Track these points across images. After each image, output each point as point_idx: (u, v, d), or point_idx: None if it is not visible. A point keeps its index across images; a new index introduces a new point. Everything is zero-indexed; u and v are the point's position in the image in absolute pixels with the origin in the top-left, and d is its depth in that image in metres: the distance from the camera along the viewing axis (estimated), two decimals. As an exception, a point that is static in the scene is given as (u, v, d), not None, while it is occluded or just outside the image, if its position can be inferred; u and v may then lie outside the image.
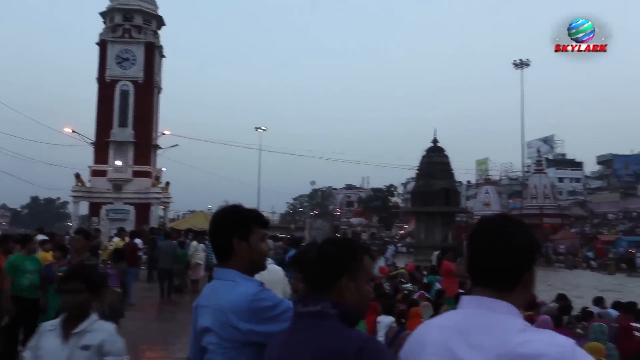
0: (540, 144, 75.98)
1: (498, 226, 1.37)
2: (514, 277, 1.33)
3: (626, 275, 30.52)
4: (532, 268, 1.36)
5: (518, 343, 1.21)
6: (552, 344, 1.19)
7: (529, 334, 1.24)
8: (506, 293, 1.33)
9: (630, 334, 6.80)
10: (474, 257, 1.37)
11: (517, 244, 1.34)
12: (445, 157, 45.05)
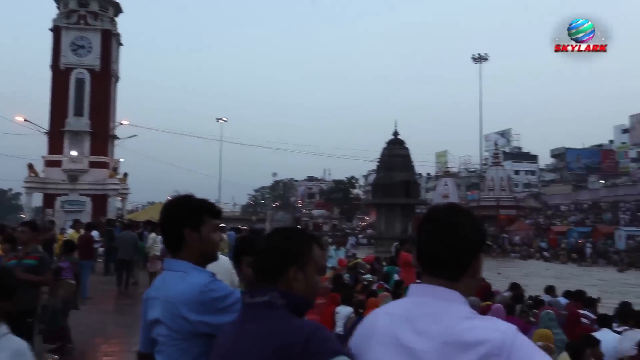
0: (497, 137, 77.79)
1: (446, 215, 1.39)
2: (461, 266, 1.35)
3: (577, 265, 31.66)
4: (479, 256, 1.38)
5: (463, 330, 1.24)
6: (495, 330, 1.22)
7: (473, 321, 1.26)
8: (454, 281, 1.35)
9: (578, 321, 7.07)
10: (422, 245, 1.39)
11: (464, 232, 1.36)
12: (406, 149, 45.56)
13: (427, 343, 1.25)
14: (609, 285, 20.43)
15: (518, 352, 1.19)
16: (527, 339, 1.26)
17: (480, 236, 1.39)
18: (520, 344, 1.21)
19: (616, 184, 58.34)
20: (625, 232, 35.19)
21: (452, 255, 1.34)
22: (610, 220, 42.74)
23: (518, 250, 39.57)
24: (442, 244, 1.35)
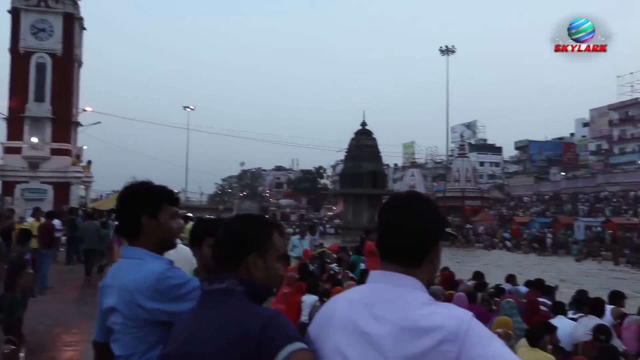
0: (463, 129, 78.94)
1: (406, 202, 1.40)
2: (421, 253, 1.36)
3: (537, 255, 32.52)
4: (438, 243, 1.39)
5: (420, 316, 1.25)
6: (451, 316, 1.24)
7: (430, 308, 1.28)
8: (412, 268, 1.36)
9: (537, 309, 7.26)
10: (382, 232, 1.39)
11: (424, 219, 1.36)
12: (374, 140, 45.80)
13: (385, 328, 1.26)
14: (567, 274, 21.06)
15: (472, 337, 1.20)
16: (482, 325, 1.27)
17: (439, 223, 1.40)
18: (475, 330, 1.22)
19: (576, 176, 60.01)
20: (584, 223, 36.29)
21: (412, 242, 1.35)
22: (570, 211, 43.96)
23: (482, 240, 40.38)
24: (402, 231, 1.35)
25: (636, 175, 48.70)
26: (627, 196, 43.49)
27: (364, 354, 1.28)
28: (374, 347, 1.26)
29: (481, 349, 1.19)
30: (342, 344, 1.32)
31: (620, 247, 29.48)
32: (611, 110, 61.78)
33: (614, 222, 34.67)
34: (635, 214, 36.81)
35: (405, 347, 1.23)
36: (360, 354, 1.28)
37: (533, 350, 4.85)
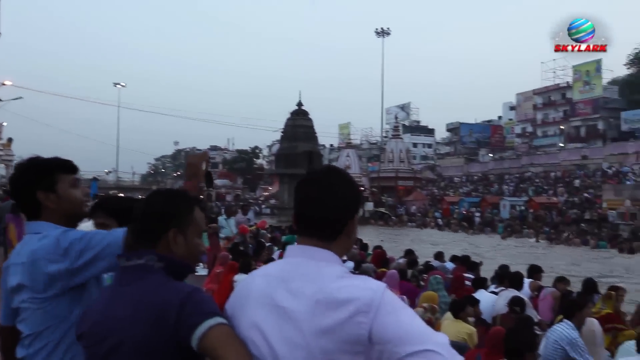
0: (398, 110, 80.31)
1: (323, 176, 1.40)
2: (337, 226, 1.37)
3: (466, 233, 33.87)
4: (354, 217, 1.39)
5: (335, 289, 1.26)
6: (365, 288, 1.25)
7: (345, 280, 1.29)
8: (329, 241, 1.36)
9: (462, 284, 7.62)
10: (299, 206, 1.40)
11: (340, 193, 1.37)
12: (309, 120, 45.81)
13: (300, 302, 1.28)
14: (492, 251, 22.11)
15: (384, 308, 1.22)
16: (395, 296, 1.30)
17: (355, 198, 1.41)
18: (387, 301, 1.24)
19: (503, 157, 62.56)
20: (509, 202, 38.02)
21: (328, 215, 1.36)
22: (497, 191, 45.91)
23: (414, 219, 41.56)
24: (317, 204, 1.36)
25: (556, 157, 51.45)
26: (548, 177, 45.88)
27: (281, 328, 1.29)
28: (290, 321, 1.28)
29: (392, 318, 1.21)
30: (259, 318, 1.32)
31: (541, 225, 31.19)
32: (535, 94, 64.69)
33: (535, 201, 36.54)
34: (555, 193, 38.92)
35: (321, 320, 1.24)
36: (276, 328, 1.29)
37: (456, 321, 5.11)
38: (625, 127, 52.18)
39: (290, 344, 1.27)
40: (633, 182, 34.43)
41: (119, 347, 1.36)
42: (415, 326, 1.22)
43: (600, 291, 7.21)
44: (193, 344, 1.30)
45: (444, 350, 1.17)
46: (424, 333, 1.20)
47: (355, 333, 1.21)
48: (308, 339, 1.24)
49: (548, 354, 4.65)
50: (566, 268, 16.07)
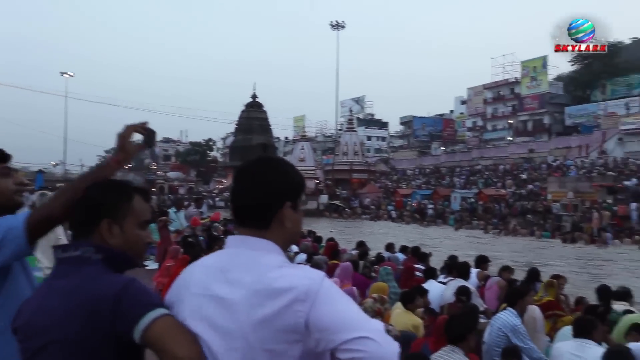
0: (352, 103, 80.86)
1: (253, 165, 1.42)
2: (266, 214, 1.37)
3: (418, 224, 34.51)
4: (284, 205, 1.38)
5: (273, 278, 1.26)
6: (303, 277, 1.26)
7: (284, 270, 1.29)
8: (263, 230, 1.37)
9: (412, 274, 7.78)
10: (232, 196, 1.41)
11: (268, 181, 1.37)
12: (264, 112, 45.56)
13: (238, 292, 1.28)
14: (443, 242, 22.62)
15: (323, 297, 1.23)
16: (334, 285, 1.32)
17: (286, 185, 1.40)
18: (325, 289, 1.25)
19: (454, 151, 64.00)
20: (460, 194, 38.91)
21: (255, 203, 1.37)
22: (448, 184, 46.89)
23: (368, 211, 41.99)
24: (247, 192, 1.37)
25: (505, 151, 53.02)
26: (497, 169, 47.16)
27: (218, 318, 1.29)
28: (229, 311, 1.28)
29: (329, 307, 1.23)
30: (197, 310, 1.32)
31: (490, 217, 32.09)
32: (485, 89, 66.41)
33: (485, 193, 37.50)
34: (504, 185, 40.05)
35: (259, 310, 1.24)
36: (214, 318, 1.29)
37: (406, 312, 5.22)
38: (569, 121, 54.25)
39: (228, 334, 1.27)
40: (575, 174, 35.82)
41: (51, 343, 1.33)
42: (351, 314, 1.24)
43: (542, 279, 7.50)
44: (136, 337, 1.28)
45: (379, 336, 1.20)
46: (360, 320, 1.23)
47: (293, 322, 1.22)
48: (246, 329, 1.25)
49: (492, 341, 4.81)
50: (512, 257, 16.63)
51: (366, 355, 1.17)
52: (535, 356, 4.72)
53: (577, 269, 15.73)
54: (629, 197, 28.84)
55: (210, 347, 1.29)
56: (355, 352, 1.18)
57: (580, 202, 29.69)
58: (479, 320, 5.44)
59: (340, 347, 1.19)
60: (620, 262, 17.84)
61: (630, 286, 7.06)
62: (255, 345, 1.24)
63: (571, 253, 20.34)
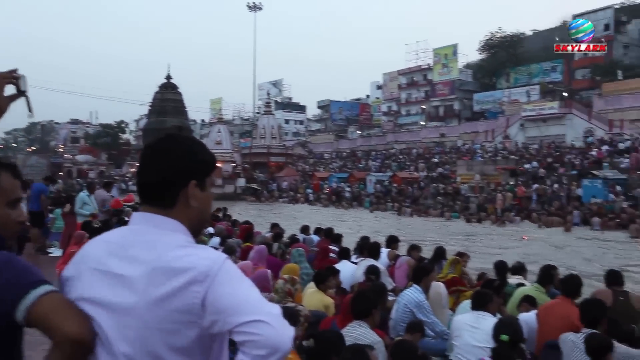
0: (270, 87, 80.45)
1: (160, 142, 1.39)
2: (170, 192, 1.35)
3: (335, 207, 35.11)
4: (189, 184, 1.36)
5: (173, 257, 1.25)
6: (204, 258, 1.26)
7: (185, 250, 1.28)
8: (167, 209, 1.35)
9: (326, 255, 7.92)
10: (137, 174, 1.40)
11: (172, 159, 1.35)
12: (179, 94, 44.25)
13: (137, 269, 1.26)
14: (359, 224, 23.18)
15: (222, 278, 1.23)
16: (235, 267, 1.30)
17: (192, 164, 1.39)
18: (225, 271, 1.25)
19: (370, 135, 65.41)
20: (375, 177, 39.92)
21: (159, 180, 1.35)
22: (364, 167, 47.96)
23: (286, 195, 42.15)
24: (152, 169, 1.36)
25: (418, 135, 54.88)
26: (410, 153, 48.80)
27: (114, 295, 1.27)
28: (125, 288, 1.26)
29: (227, 289, 1.23)
30: (93, 285, 1.30)
31: (403, 199, 33.20)
32: (400, 75, 68.26)
33: (399, 176, 38.75)
34: (416, 169, 41.53)
35: (156, 288, 1.23)
36: (110, 295, 1.27)
37: (317, 292, 5.32)
38: (477, 107, 57.00)
39: (122, 311, 1.25)
40: (481, 158, 37.76)
41: None
42: (249, 297, 1.24)
43: (447, 257, 7.88)
44: (19, 318, 1.24)
45: (274, 320, 1.22)
46: (257, 304, 1.24)
47: (190, 302, 1.22)
48: (142, 307, 1.24)
49: (398, 317, 5.03)
50: (423, 237, 17.36)
51: (260, 339, 1.19)
52: (437, 329, 4.99)
53: (482, 246, 16.67)
54: (529, 179, 30.87)
55: (103, 324, 1.27)
56: (249, 334, 1.19)
57: (486, 184, 31.39)
58: (388, 298, 5.68)
59: (235, 329, 1.21)
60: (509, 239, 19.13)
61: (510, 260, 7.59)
62: (150, 324, 1.23)
63: (476, 231, 21.50)
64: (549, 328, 4.40)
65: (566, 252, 15.78)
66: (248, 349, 1.19)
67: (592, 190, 25.50)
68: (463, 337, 4.08)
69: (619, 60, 45.24)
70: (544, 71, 53.15)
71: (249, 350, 1.19)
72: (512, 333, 3.28)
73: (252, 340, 1.19)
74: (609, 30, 48.49)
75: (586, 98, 44.72)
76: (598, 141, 34.39)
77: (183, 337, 1.24)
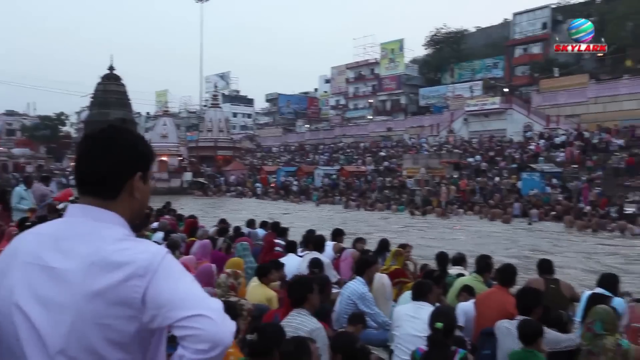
0: (217, 79, 79.28)
1: (103, 133, 1.36)
2: (114, 184, 1.33)
3: (284, 201, 35.08)
4: (134, 176, 1.35)
5: (112, 251, 1.23)
6: (144, 251, 1.25)
7: (125, 243, 1.27)
8: (109, 201, 1.33)
9: (272, 249, 7.93)
10: (76, 164, 1.36)
11: (117, 150, 1.34)
12: (122, 85, 43.00)
13: (72, 262, 1.23)
14: (306, 217, 23.25)
15: (162, 272, 1.23)
16: (176, 261, 1.30)
17: (137, 155, 1.38)
18: (166, 266, 1.25)
19: (318, 128, 65.62)
20: (323, 171, 40.12)
21: (103, 171, 1.32)
22: (312, 161, 48.11)
23: (234, 189, 41.77)
24: (93, 160, 1.33)
25: (365, 129, 55.50)
26: (358, 147, 49.30)
27: (47, 289, 1.23)
28: (60, 283, 1.23)
29: (168, 283, 1.23)
30: (24, 279, 1.25)
31: (350, 192, 33.53)
32: (348, 69, 68.70)
33: (346, 170, 39.10)
34: (364, 162, 42.01)
35: (93, 282, 1.21)
36: (42, 289, 1.24)
37: (260, 286, 5.33)
38: (423, 102, 58.16)
39: (56, 306, 1.22)
40: (427, 152, 38.59)
41: None
42: (190, 292, 1.24)
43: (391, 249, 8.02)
44: None
45: (216, 315, 1.22)
46: (198, 299, 1.23)
47: (129, 296, 1.20)
48: (79, 302, 1.21)
49: (341, 309, 5.09)
50: (369, 230, 17.60)
51: (202, 333, 1.18)
52: (379, 320, 5.08)
53: (428, 238, 17.05)
54: (472, 172, 31.80)
55: (36, 320, 1.22)
56: (190, 329, 1.19)
57: (431, 178, 32.11)
58: (332, 290, 5.74)
59: (176, 324, 1.20)
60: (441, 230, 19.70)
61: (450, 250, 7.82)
62: (87, 319, 1.20)
63: (421, 224, 21.97)
64: (486, 316, 4.57)
65: (503, 243, 16.36)
66: (189, 344, 1.19)
67: (531, 183, 26.53)
68: (403, 327, 4.18)
69: (555, 58, 47.22)
70: (487, 67, 54.79)
71: (190, 345, 1.19)
72: (446, 321, 3.38)
73: (194, 335, 1.19)
74: (546, 29, 50.47)
75: (525, 94, 46.36)
76: (536, 136, 35.77)
77: (122, 332, 1.22)
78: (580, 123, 35.13)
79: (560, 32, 50.57)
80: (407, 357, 3.88)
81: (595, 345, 3.78)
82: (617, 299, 4.72)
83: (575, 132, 32.59)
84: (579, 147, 29.93)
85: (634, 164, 25.63)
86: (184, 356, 1.20)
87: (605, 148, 29.02)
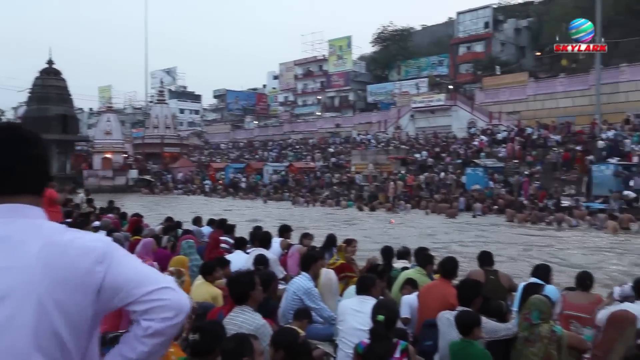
0: (163, 75, 77.69)
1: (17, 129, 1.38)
2: (43, 181, 1.39)
3: (233, 198, 34.77)
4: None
5: (66, 241, 1.29)
6: (96, 240, 1.35)
7: (73, 233, 1.33)
8: (37, 197, 1.37)
9: (217, 246, 7.85)
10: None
11: (43, 147, 1.40)
12: (63, 80, 41.56)
13: (26, 259, 1.25)
14: (254, 214, 23.12)
15: (118, 257, 1.33)
16: (123, 249, 1.41)
17: (47, 152, 1.44)
18: (118, 252, 1.35)
19: (267, 125, 65.34)
20: (272, 167, 40.00)
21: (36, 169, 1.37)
22: (261, 157, 47.86)
23: (181, 186, 41.08)
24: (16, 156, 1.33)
25: (314, 125, 55.65)
26: (307, 143, 49.40)
27: (9, 288, 1.23)
28: (16, 279, 1.24)
29: (125, 266, 1.33)
30: None
31: (299, 188, 33.57)
32: (296, 65, 68.69)
33: (295, 166, 39.11)
34: (313, 158, 42.14)
35: (53, 273, 1.25)
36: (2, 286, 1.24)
37: (205, 283, 5.26)
38: (371, 99, 58.81)
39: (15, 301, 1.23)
40: (375, 148, 39.07)
41: None
42: (146, 270, 1.37)
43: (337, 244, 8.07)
44: None
45: (175, 286, 1.36)
46: (157, 275, 1.37)
47: (91, 282, 1.28)
48: (41, 294, 1.23)
49: (287, 305, 5.09)
50: (317, 226, 17.67)
51: (168, 302, 1.31)
52: (325, 315, 5.11)
53: (375, 230, 17.29)
54: (419, 168, 32.44)
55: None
56: (157, 301, 1.30)
57: (379, 173, 32.54)
58: (278, 287, 5.73)
59: (141, 299, 1.30)
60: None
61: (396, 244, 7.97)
62: (50, 310, 1.24)
63: (369, 219, 22.26)
64: (429, 308, 4.68)
65: (449, 236, 16.79)
66: (155, 314, 1.30)
67: (474, 178, 27.31)
68: (347, 321, 4.22)
69: (497, 57, 48.65)
70: (432, 65, 55.94)
71: (156, 315, 1.30)
72: (387, 313, 3.44)
73: (160, 306, 1.30)
74: (488, 28, 52.00)
75: (469, 91, 47.63)
76: (480, 132, 36.83)
77: (83, 317, 1.28)
78: (520, 119, 36.40)
79: (502, 31, 52.24)
80: (350, 350, 3.92)
81: (532, 332, 3.94)
82: (549, 286, 4.93)
83: (516, 129, 33.74)
84: (520, 142, 31.00)
85: (569, 159, 26.78)
86: (150, 327, 1.30)
87: (543, 144, 30.17)
